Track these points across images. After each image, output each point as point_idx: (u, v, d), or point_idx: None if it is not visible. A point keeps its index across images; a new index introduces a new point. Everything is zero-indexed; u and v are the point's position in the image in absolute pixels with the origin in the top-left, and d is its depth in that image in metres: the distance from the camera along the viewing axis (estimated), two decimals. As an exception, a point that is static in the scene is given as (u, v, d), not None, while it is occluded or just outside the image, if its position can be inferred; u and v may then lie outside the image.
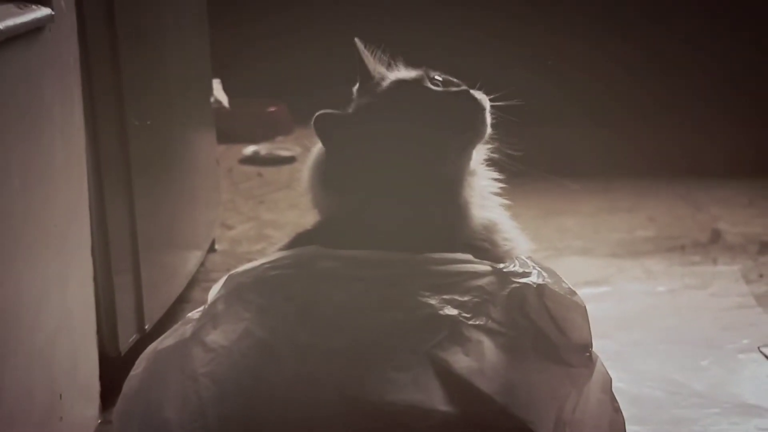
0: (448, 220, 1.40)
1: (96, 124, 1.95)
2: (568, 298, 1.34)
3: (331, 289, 1.30)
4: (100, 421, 1.91)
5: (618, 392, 1.36)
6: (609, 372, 1.36)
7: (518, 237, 1.46)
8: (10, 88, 1.53)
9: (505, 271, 1.33)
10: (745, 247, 2.98)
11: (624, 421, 1.37)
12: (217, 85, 4.02)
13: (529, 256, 1.41)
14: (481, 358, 1.23)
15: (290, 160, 3.92)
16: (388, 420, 1.18)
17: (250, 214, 3.36)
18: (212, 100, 3.08)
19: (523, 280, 1.32)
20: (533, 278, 1.33)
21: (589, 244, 3.04)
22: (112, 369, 1.90)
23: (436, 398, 1.19)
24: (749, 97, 4.31)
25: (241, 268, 1.38)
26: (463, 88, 1.44)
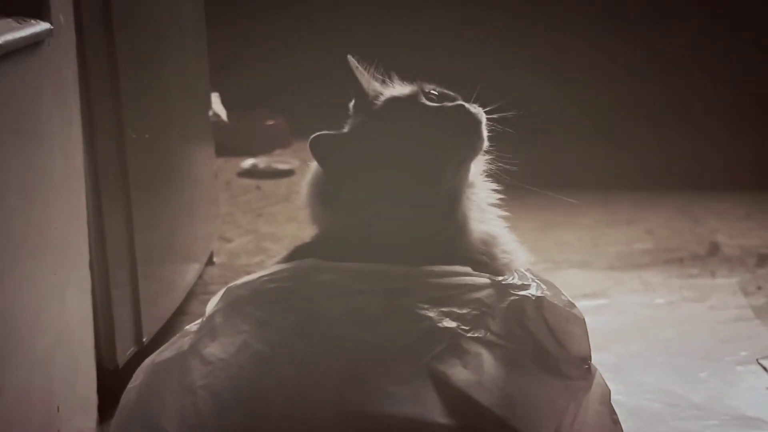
0: (448, 235, 1.40)
1: (94, 138, 1.95)
2: (567, 311, 1.34)
3: (330, 302, 1.29)
4: (97, 434, 1.91)
5: (617, 404, 1.36)
6: (608, 384, 1.36)
7: (517, 250, 1.46)
8: (8, 102, 1.53)
9: (504, 284, 1.33)
10: (743, 260, 2.98)
11: (623, 434, 1.37)
12: (216, 99, 4.02)
13: (527, 269, 1.41)
14: (479, 371, 1.23)
15: (289, 173, 3.92)
16: (386, 433, 1.18)
17: (249, 227, 3.36)
18: (211, 113, 3.08)
19: (522, 293, 1.32)
20: (532, 291, 1.33)
21: (587, 257, 3.05)
22: (110, 381, 1.89)
23: (435, 411, 1.19)
24: (749, 98, 4.31)
25: (240, 281, 1.38)
26: (459, 102, 1.43)
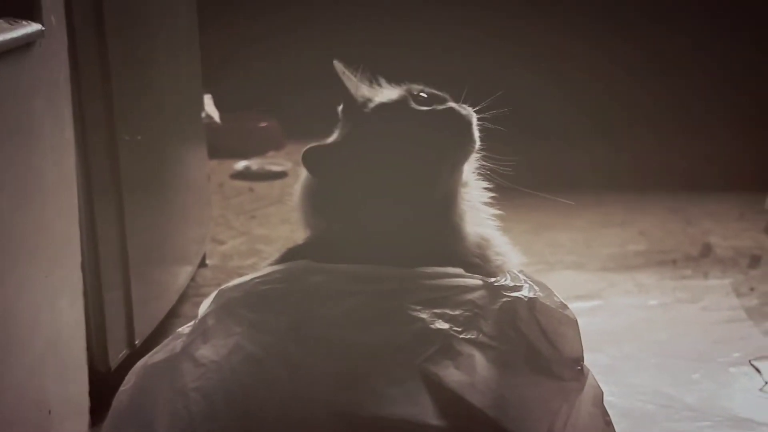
0: (443, 239, 1.39)
1: (86, 140, 1.95)
2: (560, 312, 1.34)
3: (323, 304, 1.29)
4: (89, 437, 1.91)
5: (609, 406, 1.36)
6: (600, 385, 1.35)
7: (510, 251, 1.46)
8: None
9: (497, 285, 1.33)
10: (736, 261, 2.98)
11: (615, 435, 1.37)
12: (208, 101, 4.01)
13: (520, 270, 1.41)
14: (472, 372, 1.23)
15: (281, 175, 3.91)
16: (379, 434, 1.18)
17: (242, 229, 3.35)
18: (203, 115, 3.08)
19: (515, 294, 1.32)
20: (525, 292, 1.33)
21: (580, 259, 3.05)
22: (102, 384, 1.89)
23: (428, 412, 1.19)
24: (749, 98, 4.31)
25: (232, 283, 1.37)
26: (448, 105, 1.42)
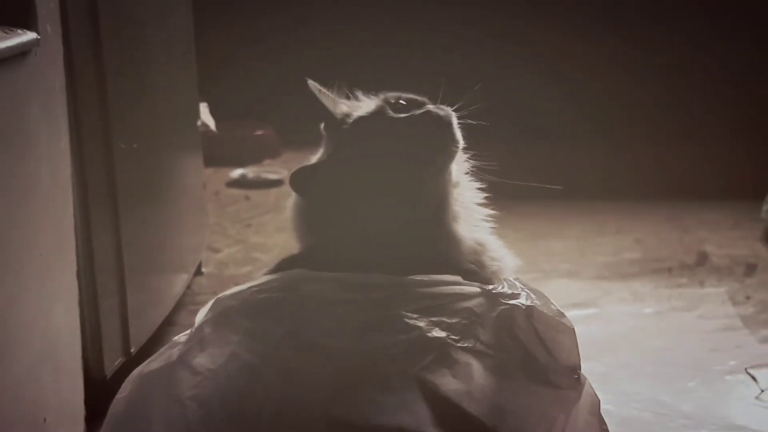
0: (438, 247, 1.39)
1: (82, 148, 1.95)
2: (557, 320, 1.34)
3: (319, 312, 1.29)
4: (85, 446, 1.90)
5: (606, 414, 1.36)
6: (597, 394, 1.35)
7: (504, 255, 1.45)
8: (-5, 112, 1.53)
9: (494, 293, 1.33)
10: (731, 269, 2.99)
11: (612, 443, 1.37)
12: (204, 109, 4.02)
13: (516, 278, 1.41)
14: (469, 381, 1.23)
15: (277, 183, 3.91)
16: (375, 443, 1.18)
17: (237, 237, 3.35)
18: (199, 123, 3.08)
19: (512, 302, 1.32)
20: (522, 300, 1.33)
21: (576, 267, 3.05)
22: (98, 392, 1.88)
23: (424, 421, 1.18)
24: (749, 98, 4.32)
25: (229, 292, 1.37)
26: (425, 108, 1.42)
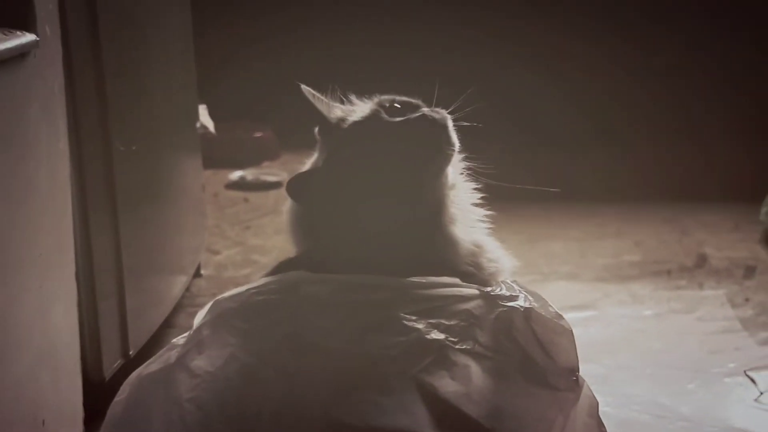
0: (435, 250, 1.39)
1: (81, 150, 1.94)
2: (555, 322, 1.34)
3: (317, 314, 1.29)
4: (83, 448, 1.90)
5: (605, 416, 1.36)
6: (596, 396, 1.35)
7: (502, 257, 1.45)
8: (-6, 114, 1.52)
9: (492, 295, 1.33)
10: (731, 272, 2.98)
11: (611, 446, 1.37)
12: (204, 111, 4.02)
13: (514, 280, 1.41)
14: (467, 383, 1.23)
15: (277, 185, 3.91)
16: (374, 445, 1.18)
17: (237, 239, 3.35)
18: (198, 125, 3.08)
19: (511, 304, 1.32)
20: (520, 302, 1.33)
21: (575, 269, 3.04)
22: (96, 395, 1.88)
23: (423, 423, 1.18)
24: (749, 98, 4.31)
25: (227, 294, 1.37)
26: (420, 112, 1.41)
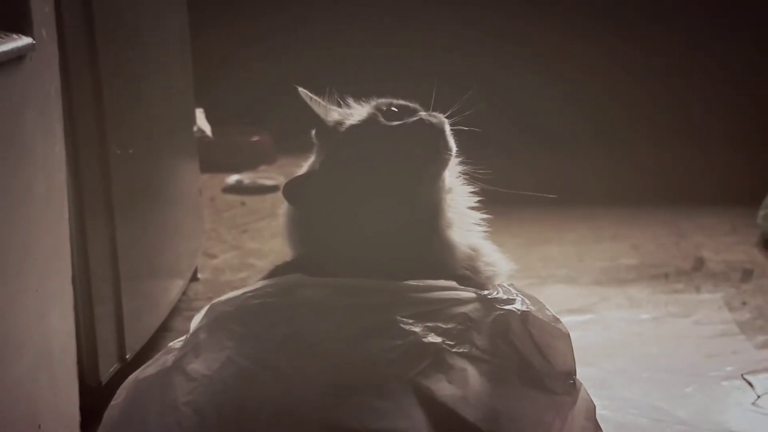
0: (432, 254, 1.39)
1: (78, 154, 1.94)
2: (552, 326, 1.34)
3: (314, 317, 1.29)
4: (80, 452, 1.90)
5: (602, 420, 1.36)
6: (593, 399, 1.35)
7: (499, 260, 1.45)
8: (-10, 117, 1.52)
9: (490, 298, 1.33)
10: (728, 275, 2.98)
11: (608, 449, 1.37)
12: (200, 114, 4.01)
13: (511, 284, 1.41)
14: (465, 386, 1.23)
15: (273, 189, 3.91)
16: (371, 448, 1.17)
17: (233, 243, 3.35)
18: (195, 129, 3.08)
19: (508, 307, 1.32)
20: (517, 305, 1.33)
21: (572, 273, 3.04)
22: (93, 398, 1.88)
23: (420, 426, 1.18)
24: (749, 98, 4.31)
25: (224, 297, 1.37)
26: (418, 116, 1.41)
